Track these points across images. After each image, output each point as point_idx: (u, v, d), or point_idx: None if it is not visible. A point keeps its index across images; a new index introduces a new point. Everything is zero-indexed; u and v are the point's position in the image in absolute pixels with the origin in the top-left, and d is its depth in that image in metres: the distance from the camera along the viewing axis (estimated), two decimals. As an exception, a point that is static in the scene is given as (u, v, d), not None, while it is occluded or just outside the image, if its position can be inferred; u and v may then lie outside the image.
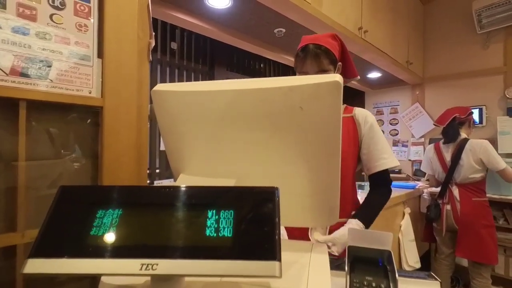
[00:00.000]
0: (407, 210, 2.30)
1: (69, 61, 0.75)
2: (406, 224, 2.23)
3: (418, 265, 2.16)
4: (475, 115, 2.79)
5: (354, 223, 0.93)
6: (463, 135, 2.09)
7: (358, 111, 1.06)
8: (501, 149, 2.56)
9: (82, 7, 0.78)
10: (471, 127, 2.19)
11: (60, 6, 0.74)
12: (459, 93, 2.92)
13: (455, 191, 2.06)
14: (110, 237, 0.33)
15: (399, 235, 2.17)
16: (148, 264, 0.31)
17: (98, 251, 0.33)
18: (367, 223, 0.96)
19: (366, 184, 2.24)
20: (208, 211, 0.35)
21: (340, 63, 1.02)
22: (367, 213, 0.99)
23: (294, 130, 0.48)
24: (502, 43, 2.68)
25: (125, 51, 0.86)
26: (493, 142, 2.69)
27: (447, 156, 2.11)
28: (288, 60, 2.49)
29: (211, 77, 2.31)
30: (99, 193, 0.37)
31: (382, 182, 1.04)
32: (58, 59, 0.73)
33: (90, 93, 0.79)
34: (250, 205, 0.35)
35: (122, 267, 0.31)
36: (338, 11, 1.80)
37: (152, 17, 0.97)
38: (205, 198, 0.36)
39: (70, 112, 0.79)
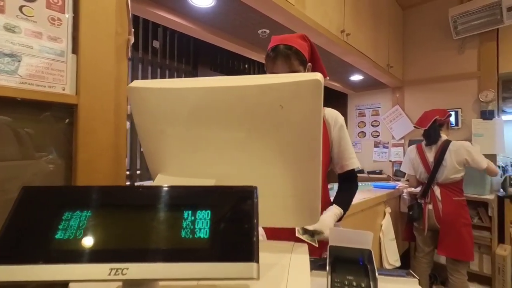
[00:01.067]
0: (388, 210, 2.35)
1: (40, 56, 0.71)
2: (386, 223, 2.28)
3: (398, 264, 2.21)
4: (452, 118, 2.90)
5: (333, 208, 1.01)
6: (444, 136, 2.16)
7: (328, 112, 1.08)
8: (476, 150, 2.67)
9: (55, 0, 0.74)
10: (449, 128, 2.28)
11: (31, -2, 0.70)
12: (436, 96, 3.02)
13: (437, 191, 2.13)
14: (77, 241, 0.31)
15: (380, 234, 2.21)
16: (117, 269, 0.29)
17: (64, 256, 0.30)
18: (345, 208, 1.04)
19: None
20: (184, 211, 0.34)
21: (309, 64, 1.03)
22: (344, 200, 1.08)
23: (274, 129, 0.47)
24: (476, 49, 2.80)
25: (102, 47, 0.82)
26: (468, 143, 2.81)
27: (430, 157, 2.17)
28: (272, 61, 2.49)
29: (194, 77, 2.28)
30: (65, 194, 0.34)
31: (352, 178, 1.13)
32: (29, 53, 0.69)
33: (63, 90, 0.76)
34: (227, 205, 0.34)
35: (89, 273, 0.29)
36: (321, 13, 1.82)
37: (133, 14, 0.94)
38: (181, 198, 0.34)
39: (42, 110, 0.75)
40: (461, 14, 2.66)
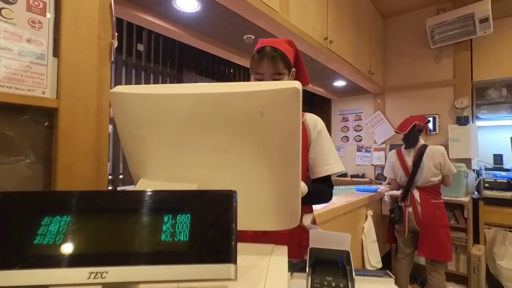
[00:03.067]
0: (370, 213, 2.41)
1: (20, 59, 0.70)
2: (368, 226, 2.33)
3: (379, 265, 2.26)
4: (430, 124, 3.02)
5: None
6: (422, 141, 2.26)
7: (308, 117, 1.08)
8: (452, 154, 2.79)
9: (36, 3, 0.73)
10: (428, 134, 2.38)
11: (11, 0, 0.69)
12: (415, 102, 3.14)
13: (416, 194, 2.21)
14: (56, 246, 0.32)
15: (362, 236, 2.26)
16: (97, 273, 0.30)
17: (42, 260, 0.31)
18: (309, 190, 0.90)
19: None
20: (164, 215, 0.34)
21: (294, 69, 1.04)
22: (314, 187, 1.00)
23: (254, 135, 0.49)
24: (452, 58, 2.94)
25: (84, 51, 0.82)
26: (445, 148, 2.93)
27: (409, 161, 2.26)
28: (258, 66, 2.52)
29: (180, 81, 2.27)
30: (45, 199, 0.35)
31: (325, 184, 1.05)
32: (7, 56, 0.68)
33: (43, 93, 0.74)
34: (207, 208, 0.35)
35: (68, 277, 0.30)
36: (304, 21, 1.87)
37: (117, 18, 0.94)
38: (161, 203, 0.35)
39: (21, 114, 0.74)
40: (437, 24, 2.79)
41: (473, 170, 2.77)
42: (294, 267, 0.72)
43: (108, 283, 0.30)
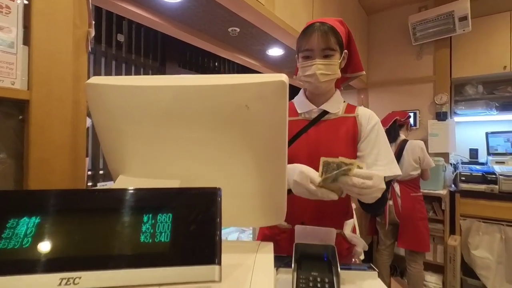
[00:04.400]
0: (353, 206, 2.45)
1: (-15, 47, 0.65)
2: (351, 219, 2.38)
3: (362, 257, 2.32)
4: (411, 119, 3.10)
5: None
6: (402, 136, 2.32)
7: (361, 111, 0.96)
8: (431, 149, 2.88)
9: (3, -14, 0.67)
10: (409, 129, 2.44)
11: (-27, -18, 0.63)
12: (397, 98, 3.21)
13: (397, 187, 2.28)
14: (23, 250, 0.29)
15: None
16: (69, 278, 0.27)
17: (8, 267, 0.28)
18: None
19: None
20: (144, 215, 0.32)
21: (346, 51, 0.94)
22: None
23: (239, 129, 0.47)
24: (432, 55, 3.02)
25: (57, 39, 0.77)
26: (425, 142, 3.02)
27: None
28: (243, 60, 2.49)
29: (162, 73, 2.21)
30: (10, 199, 0.32)
31: None
32: (-29, 43, 0.63)
33: (13, 84, 0.69)
34: (190, 207, 0.34)
35: (37, 284, 0.27)
36: (290, 14, 1.85)
37: (95, 6, 0.89)
38: (140, 201, 0.33)
39: (-13, 106, 0.69)
40: (419, 21, 2.84)
41: (451, 164, 2.87)
42: (280, 262, 0.72)
43: (82, 289, 0.28)
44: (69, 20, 0.79)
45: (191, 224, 0.33)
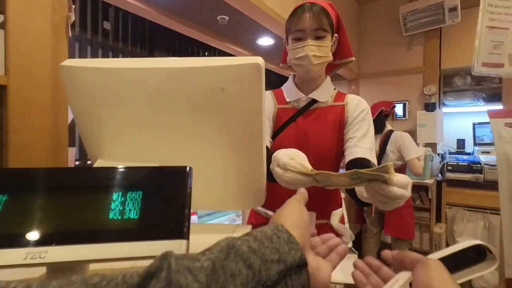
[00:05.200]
0: (342, 195, 2.49)
1: (-42, 29, 0.63)
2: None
3: (350, 245, 2.37)
4: (400, 110, 3.13)
5: None
6: (389, 126, 2.34)
7: (350, 99, 0.93)
8: (420, 139, 2.92)
9: (-25, -34, 0.65)
10: (394, 119, 2.46)
11: None
12: (387, 89, 3.23)
13: None
14: (-11, 226, 0.29)
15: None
16: (35, 253, 0.28)
17: (-27, 242, 0.28)
18: None
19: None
20: (114, 193, 0.33)
21: (336, 35, 0.92)
22: None
23: (216, 112, 0.48)
24: (422, 46, 3.03)
25: (35, 23, 0.75)
26: (413, 133, 3.06)
27: (376, 146, 2.34)
28: (233, 49, 2.47)
29: (151, 63, 2.18)
30: (-25, 177, 0.32)
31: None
32: None
33: (-11, 69, 0.68)
34: (160, 185, 0.34)
35: (3, 258, 0.28)
36: (279, 3, 1.83)
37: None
38: (110, 180, 0.33)
39: (-37, 91, 0.67)
40: (410, 12, 2.85)
41: (438, 154, 2.92)
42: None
43: (49, 263, 0.28)
44: (47, 3, 0.77)
45: (161, 201, 0.33)
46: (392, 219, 2.26)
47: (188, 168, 0.35)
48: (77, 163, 1.81)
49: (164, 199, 0.33)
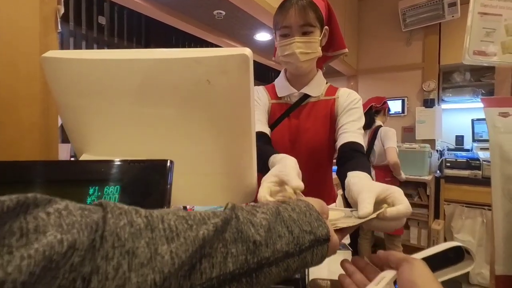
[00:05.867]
0: (340, 192, 2.48)
1: None
2: (338, 205, 2.41)
3: (347, 240, 2.37)
4: (399, 106, 3.11)
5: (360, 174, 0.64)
6: (378, 122, 2.33)
7: (341, 92, 0.92)
8: (418, 135, 2.91)
9: (-42, -44, 0.64)
10: (386, 115, 2.44)
11: None
12: (386, 85, 3.21)
13: (372, 172, 2.30)
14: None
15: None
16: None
17: None
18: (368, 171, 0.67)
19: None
20: (90, 187, 0.31)
21: (327, 27, 0.89)
22: (359, 164, 0.72)
23: (203, 105, 0.46)
24: (421, 41, 3.01)
25: (24, 16, 0.73)
26: (412, 129, 3.05)
27: (364, 142, 2.31)
28: (231, 45, 2.44)
29: (147, 58, 2.16)
30: None
31: (354, 152, 0.79)
32: None
33: (-26, 62, 0.66)
34: (139, 179, 0.33)
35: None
36: (276, -3, 1.81)
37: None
38: (87, 173, 0.32)
39: (-51, 85, 0.66)
40: (409, 7, 2.82)
41: (437, 151, 2.91)
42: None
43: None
44: (35, -5, 0.76)
45: (140, 196, 0.32)
46: None
47: (168, 162, 0.34)
48: (72, 159, 1.80)
49: (144, 194, 0.32)
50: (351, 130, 0.84)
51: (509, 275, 0.56)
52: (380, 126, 2.29)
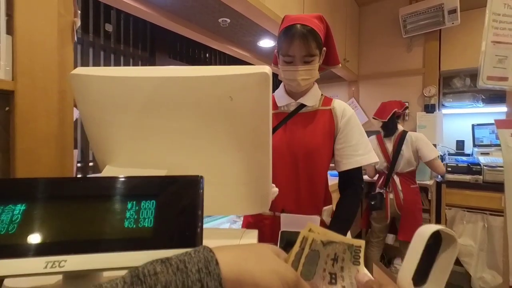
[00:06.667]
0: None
1: (-33, 36, 0.64)
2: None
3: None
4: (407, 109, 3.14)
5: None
6: (400, 127, 2.29)
7: (337, 104, 1.00)
8: (419, 140, 2.93)
9: (-17, -27, 0.66)
10: (404, 119, 2.43)
11: (-48, -31, 0.62)
12: (387, 90, 3.24)
13: (397, 180, 2.25)
14: (9, 236, 0.30)
15: (334, 219, 2.34)
16: (54, 262, 0.29)
17: (-6, 251, 0.29)
18: (341, 230, 0.86)
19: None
20: (128, 202, 0.34)
21: (324, 48, 0.97)
22: (338, 220, 0.94)
23: (224, 120, 0.49)
24: (422, 47, 3.05)
25: (42, 29, 0.76)
26: (413, 134, 3.06)
27: (389, 147, 2.29)
28: (234, 51, 2.48)
29: (152, 64, 2.18)
30: (-5, 187, 0.33)
31: (350, 181, 0.98)
32: (-49, 32, 0.62)
33: (-3, 74, 0.69)
34: (173, 194, 0.35)
35: (23, 267, 0.28)
36: (280, 5, 1.84)
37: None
38: (125, 189, 0.34)
39: (-29, 96, 0.68)
40: (409, 14, 2.86)
41: (438, 156, 2.93)
42: (266, 250, 0.74)
43: (68, 272, 0.29)
44: (53, 8, 0.78)
45: (174, 210, 0.34)
46: (407, 223, 2.19)
47: (199, 177, 0.36)
48: (79, 165, 1.81)
49: (177, 208, 0.34)
50: (351, 154, 0.95)
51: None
52: (405, 131, 2.24)
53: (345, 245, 0.37)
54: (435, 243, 0.38)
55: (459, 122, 3.08)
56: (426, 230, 0.36)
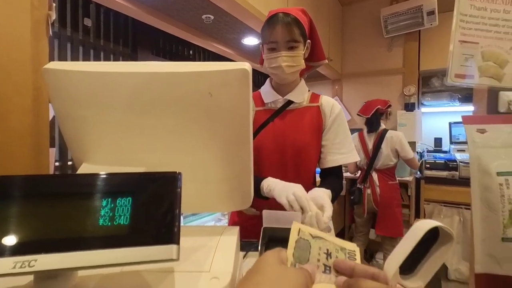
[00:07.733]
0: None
1: None
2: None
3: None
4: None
5: (320, 190, 0.82)
6: (383, 125, 2.36)
7: (325, 101, 1.00)
8: (400, 138, 3.01)
9: None
10: (388, 118, 2.50)
11: None
12: (369, 89, 3.32)
13: (375, 176, 2.32)
14: (-25, 236, 0.29)
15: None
16: (23, 261, 0.28)
17: (-42, 252, 0.28)
18: (333, 193, 0.84)
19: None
20: (103, 199, 0.33)
21: (309, 40, 0.96)
22: (329, 184, 0.89)
23: (204, 117, 0.48)
24: (402, 47, 3.14)
25: (13, 22, 0.73)
26: (394, 132, 3.14)
27: (370, 144, 2.36)
28: (218, 48, 2.46)
29: (134, 60, 2.13)
30: (-41, 186, 0.31)
31: (335, 174, 1.00)
32: None
33: (-36, 69, 0.65)
34: (150, 191, 0.34)
35: (-10, 268, 0.27)
36: (264, 3, 1.84)
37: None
38: (99, 186, 0.33)
39: None
40: (391, 14, 2.93)
41: (417, 152, 3.04)
42: (249, 247, 0.74)
43: (38, 271, 0.28)
44: (26, 1, 0.75)
45: (151, 207, 0.34)
46: (385, 218, 2.27)
47: (177, 174, 0.36)
48: (57, 164, 1.75)
49: (154, 204, 0.34)
50: (335, 152, 0.97)
51: (486, 273, 0.62)
52: (386, 129, 2.31)
53: (337, 246, 0.39)
54: (431, 238, 0.38)
55: (437, 120, 3.19)
56: (425, 225, 0.36)
